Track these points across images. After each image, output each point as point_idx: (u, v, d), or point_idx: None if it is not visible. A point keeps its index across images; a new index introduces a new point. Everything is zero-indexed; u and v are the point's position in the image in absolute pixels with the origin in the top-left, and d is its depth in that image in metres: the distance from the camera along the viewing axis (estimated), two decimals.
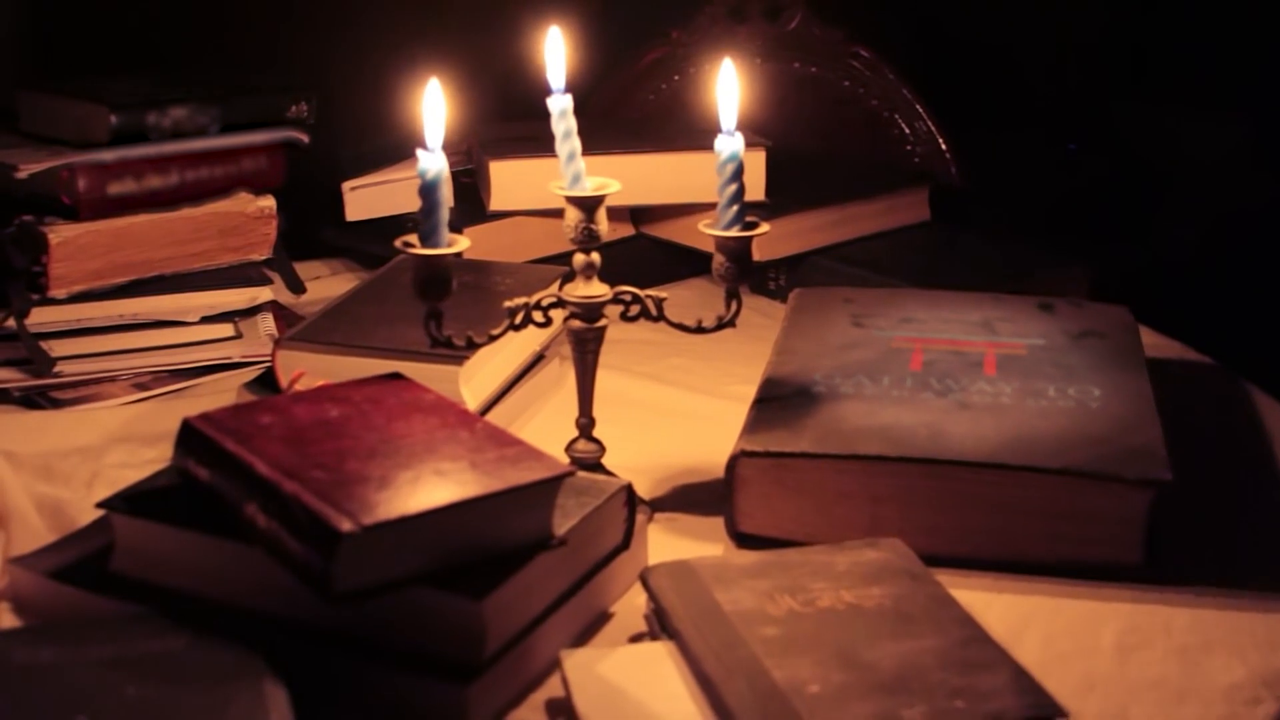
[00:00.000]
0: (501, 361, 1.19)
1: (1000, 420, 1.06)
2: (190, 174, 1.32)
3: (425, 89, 0.99)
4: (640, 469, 1.15)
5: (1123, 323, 1.23)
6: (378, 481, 0.86)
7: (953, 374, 1.13)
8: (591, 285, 1.04)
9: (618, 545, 0.97)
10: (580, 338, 1.04)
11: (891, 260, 1.44)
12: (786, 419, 1.06)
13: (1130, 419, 1.06)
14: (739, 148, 1.03)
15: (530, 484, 0.87)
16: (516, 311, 1.03)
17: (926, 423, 1.05)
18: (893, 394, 1.10)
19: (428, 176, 0.99)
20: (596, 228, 1.02)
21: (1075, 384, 1.11)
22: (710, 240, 1.04)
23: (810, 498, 1.03)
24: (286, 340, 1.16)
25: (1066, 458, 1.00)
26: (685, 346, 1.38)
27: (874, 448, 1.02)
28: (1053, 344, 1.19)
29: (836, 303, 1.27)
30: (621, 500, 0.97)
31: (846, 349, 1.18)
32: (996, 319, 1.23)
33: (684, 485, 1.13)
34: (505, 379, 1.19)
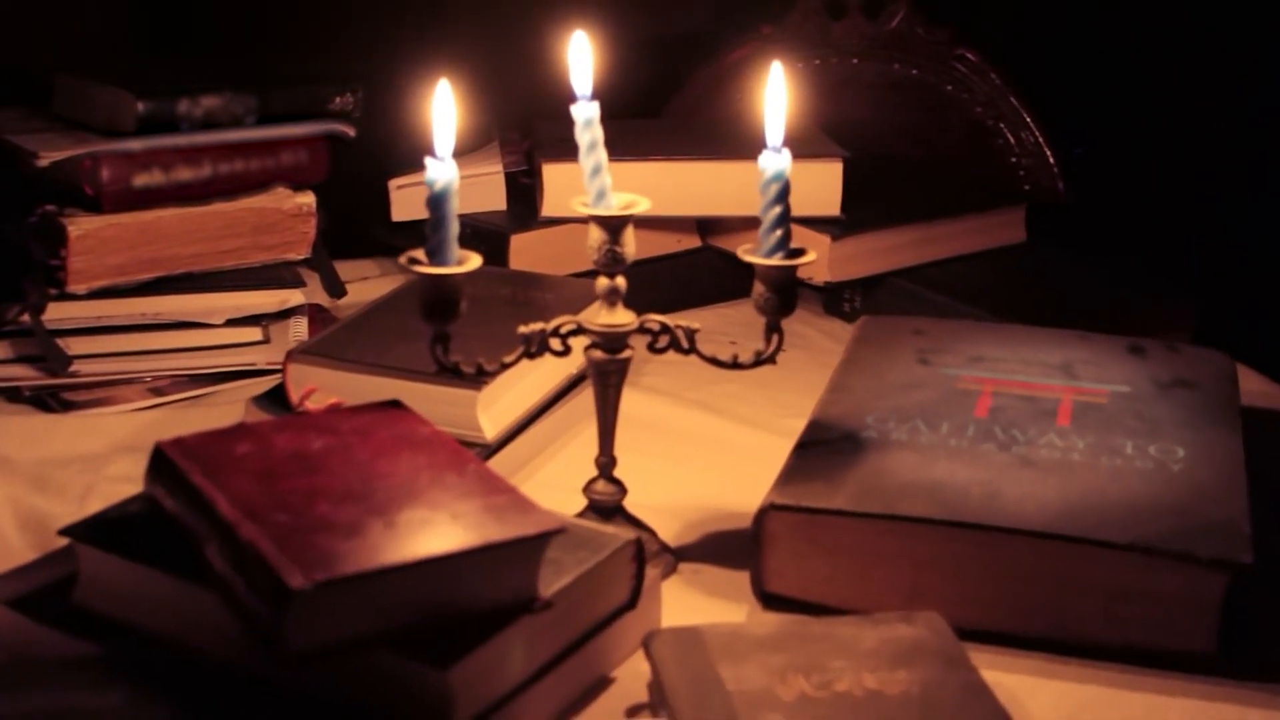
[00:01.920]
0: (529, 386, 1.10)
1: (1067, 481, 0.94)
2: (224, 167, 1.25)
3: (435, 90, 0.90)
4: (670, 510, 1.05)
5: (1220, 371, 1.11)
6: (345, 529, 0.78)
7: (1021, 423, 1.02)
8: (615, 313, 0.94)
9: (623, 604, 0.88)
10: (601, 370, 0.95)
11: (977, 286, 1.33)
12: (826, 469, 0.96)
13: (1214, 486, 0.94)
14: (785, 166, 0.93)
15: (509, 542, 0.78)
16: (531, 339, 0.94)
17: (982, 481, 0.94)
18: (950, 444, 0.99)
19: (435, 187, 0.90)
20: (622, 250, 0.93)
21: (1158, 441, 1.00)
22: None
23: (846, 559, 0.92)
24: (299, 353, 1.08)
25: (1135, 530, 0.89)
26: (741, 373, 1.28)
27: (918, 508, 0.91)
28: (1139, 392, 1.07)
29: (905, 335, 1.16)
30: (629, 555, 0.87)
31: (907, 389, 1.07)
32: (1079, 361, 1.11)
33: (716, 533, 1.03)
34: (533, 405, 1.10)
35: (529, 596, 0.80)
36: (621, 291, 0.94)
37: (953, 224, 1.38)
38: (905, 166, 1.52)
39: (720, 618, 0.93)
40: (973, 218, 1.39)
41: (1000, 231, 1.41)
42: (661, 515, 1.04)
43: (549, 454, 1.11)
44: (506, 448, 1.07)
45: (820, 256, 1.31)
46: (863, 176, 1.44)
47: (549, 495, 1.01)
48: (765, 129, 0.93)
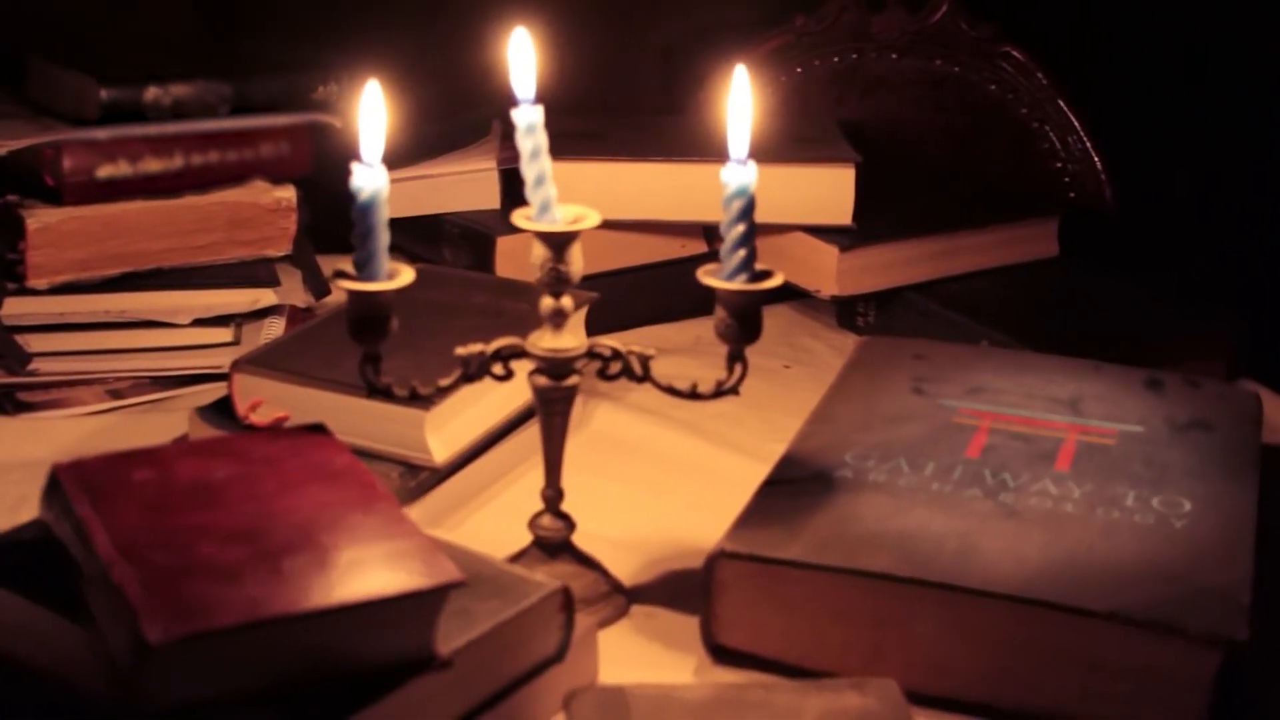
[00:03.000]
0: (489, 406, 1.02)
1: (1053, 536, 0.86)
2: (196, 158, 1.19)
3: (364, 91, 0.83)
4: (632, 544, 0.98)
5: (1243, 412, 1.01)
6: (226, 573, 0.71)
7: (1014, 466, 0.93)
8: (561, 336, 0.87)
9: (549, 657, 0.81)
10: (545, 398, 0.87)
11: (999, 304, 1.23)
12: (788, 512, 0.88)
13: (1217, 548, 0.85)
14: (749, 180, 0.85)
15: (401, 596, 0.70)
16: (470, 361, 0.87)
17: (959, 532, 0.86)
18: (932, 487, 0.90)
19: (362, 196, 0.83)
20: (567, 269, 0.85)
21: (1164, 492, 0.90)
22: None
23: (802, 614, 0.84)
24: (244, 363, 1.02)
25: (1120, 596, 0.80)
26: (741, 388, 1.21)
27: (881, 562, 0.83)
28: (1151, 434, 0.97)
29: (904, 359, 1.07)
30: (556, 604, 0.80)
31: (896, 422, 0.98)
32: (1091, 396, 1.02)
33: (677, 571, 0.95)
34: (491, 427, 1.02)
35: (426, 653, 0.73)
36: (568, 313, 0.86)
37: (978, 236, 1.28)
38: (938, 171, 1.43)
39: (666, 671, 0.85)
40: (1000, 229, 1.29)
41: (1030, 245, 1.31)
42: (621, 550, 0.97)
43: (510, 479, 1.04)
44: (461, 473, 1.00)
45: (828, 268, 1.23)
46: (887, 182, 1.35)
47: (501, 525, 0.95)
48: (728, 138, 0.85)
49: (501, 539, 0.92)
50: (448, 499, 0.99)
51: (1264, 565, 0.88)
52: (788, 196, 1.23)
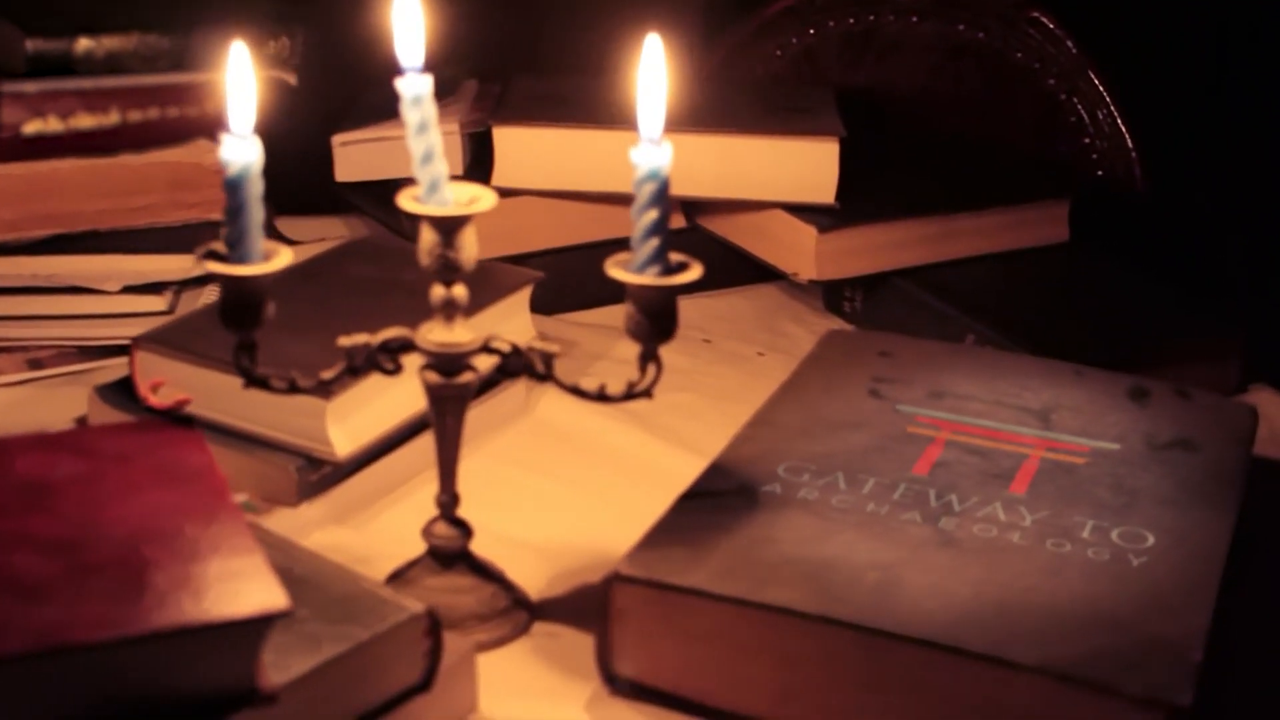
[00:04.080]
0: (403, 396, 0.94)
1: (990, 571, 0.76)
2: (134, 115, 1.11)
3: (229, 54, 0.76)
4: (550, 552, 0.90)
5: (1233, 430, 0.91)
6: (30, 591, 0.64)
7: (964, 486, 0.84)
8: (453, 329, 0.79)
9: (414, 686, 0.73)
10: (437, 395, 0.80)
11: (994, 293, 1.13)
12: (700, 531, 0.79)
13: (1175, 592, 0.76)
14: (662, 162, 0.76)
15: (209, 626, 0.63)
16: (355, 353, 0.79)
17: (886, 563, 0.77)
18: (867, 508, 0.82)
19: (230, 170, 0.75)
20: (457, 255, 0.77)
21: (1127, 522, 0.81)
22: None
23: (706, 648, 0.76)
24: (145, 340, 0.95)
25: (1053, 647, 0.71)
26: (702, 378, 1.12)
27: (789, 595, 0.74)
28: (1126, 453, 0.88)
29: (868, 355, 0.98)
30: (420, 629, 0.72)
31: (843, 429, 0.89)
32: (1066, 406, 0.92)
33: (592, 586, 0.87)
34: (406, 419, 0.94)
35: (247, 686, 0.65)
36: (460, 304, 0.78)
37: (978, 219, 1.18)
38: (950, 145, 1.33)
39: (555, 702, 0.78)
40: (1004, 212, 1.19)
41: (1037, 229, 1.21)
42: (539, 557, 0.89)
43: (429, 476, 0.95)
44: (371, 468, 0.92)
45: (806, 250, 1.14)
46: (887, 157, 1.26)
47: (414, 525, 0.87)
48: (639, 117, 0.76)
49: (411, 540, 0.84)
50: (355, 495, 0.92)
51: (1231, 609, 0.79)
52: (767, 171, 1.14)
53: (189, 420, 0.78)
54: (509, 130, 1.15)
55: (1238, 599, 0.82)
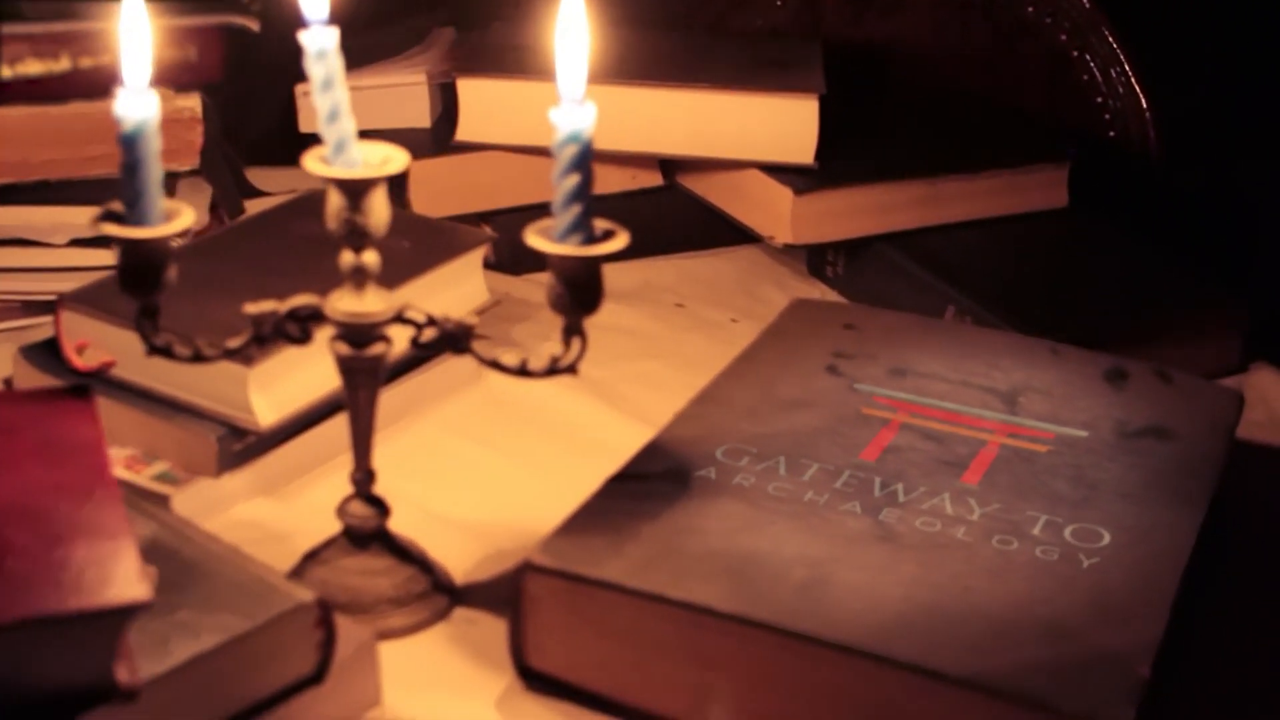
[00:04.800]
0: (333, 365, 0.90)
1: (927, 570, 0.71)
2: (86, 61, 1.07)
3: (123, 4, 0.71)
4: (483, 533, 0.85)
5: (1214, 418, 0.85)
6: None
7: (912, 474, 0.79)
8: (363, 298, 0.74)
9: (305, 678, 0.69)
10: (348, 368, 0.75)
11: (980, 261, 1.08)
12: (622, 518, 0.74)
13: (1127, 597, 0.70)
14: (584, 124, 0.71)
15: (57, 618, 0.59)
16: (262, 321, 0.75)
17: (814, 559, 0.72)
18: (805, 497, 0.76)
19: (126, 126, 0.71)
20: (364, 220, 0.72)
21: (1084, 519, 0.75)
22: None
23: (622, 644, 0.71)
24: (70, 299, 0.91)
25: (985, 658, 0.66)
26: (670, 346, 1.07)
27: (708, 592, 0.69)
28: (1093, 441, 0.82)
29: (832, 328, 0.93)
30: (311, 620, 0.68)
31: (793, 408, 0.84)
32: (1035, 388, 0.87)
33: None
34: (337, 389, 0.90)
35: (106, 682, 0.61)
36: (370, 271, 0.73)
37: (968, 182, 1.12)
38: (951, 103, 1.26)
39: (465, 696, 0.73)
40: (997, 176, 1.13)
41: (1033, 194, 1.14)
42: (468, 538, 0.85)
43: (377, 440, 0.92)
44: (301, 438, 0.88)
45: (781, 213, 1.08)
46: (879, 116, 1.20)
47: (338, 503, 0.83)
48: (557, 75, 0.71)
49: None
50: (283, 466, 0.87)
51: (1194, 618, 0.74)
52: (743, 129, 1.08)
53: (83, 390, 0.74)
54: (473, 82, 1.10)
55: (1204, 606, 0.77)
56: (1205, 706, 0.73)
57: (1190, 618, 0.76)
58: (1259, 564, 0.84)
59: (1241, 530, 0.87)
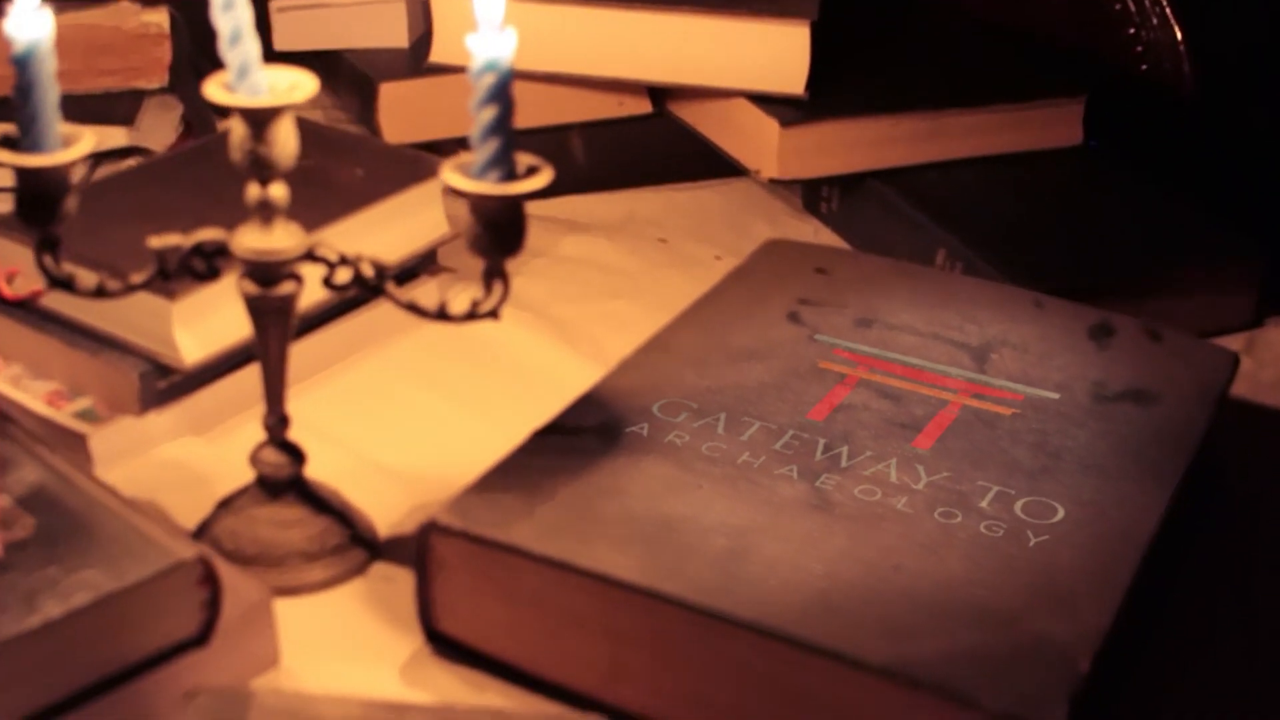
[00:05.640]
0: None
1: (855, 543, 0.66)
2: None
3: None
4: (415, 483, 0.81)
5: (1204, 381, 0.78)
6: None
7: (860, 437, 0.73)
8: (271, 234, 0.69)
9: (189, 639, 0.65)
10: (256, 308, 0.71)
11: (979, 201, 1.01)
12: (540, 476, 0.69)
13: (1076, 581, 0.64)
14: (503, 52, 0.65)
15: None
16: (166, 256, 0.70)
17: (741, 527, 0.67)
18: (739, 459, 0.71)
19: (17, 47, 0.66)
20: (269, 151, 0.67)
21: (1039, 492, 0.70)
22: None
23: (532, 612, 0.67)
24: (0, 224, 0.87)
25: (907, 644, 0.61)
26: (646, 284, 1.02)
27: (615, 562, 0.64)
28: (1065, 404, 0.76)
29: (801, 273, 0.87)
30: (193, 578, 0.64)
31: (745, 359, 0.79)
32: (1010, 344, 0.81)
33: None
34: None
35: None
36: (276, 206, 0.69)
37: (974, 116, 1.05)
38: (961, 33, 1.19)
39: (369, 660, 0.69)
40: (1004, 110, 1.06)
41: (1044, 131, 1.07)
42: (400, 488, 0.80)
43: (308, 385, 0.87)
44: (233, 376, 0.84)
45: (768, 145, 1.02)
46: (885, 46, 1.13)
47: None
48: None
49: None
50: (215, 405, 0.83)
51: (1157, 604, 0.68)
52: (731, 56, 1.02)
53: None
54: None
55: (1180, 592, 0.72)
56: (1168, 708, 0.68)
57: (1157, 605, 0.71)
58: (1254, 542, 0.78)
59: (1236, 505, 0.81)
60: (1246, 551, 0.78)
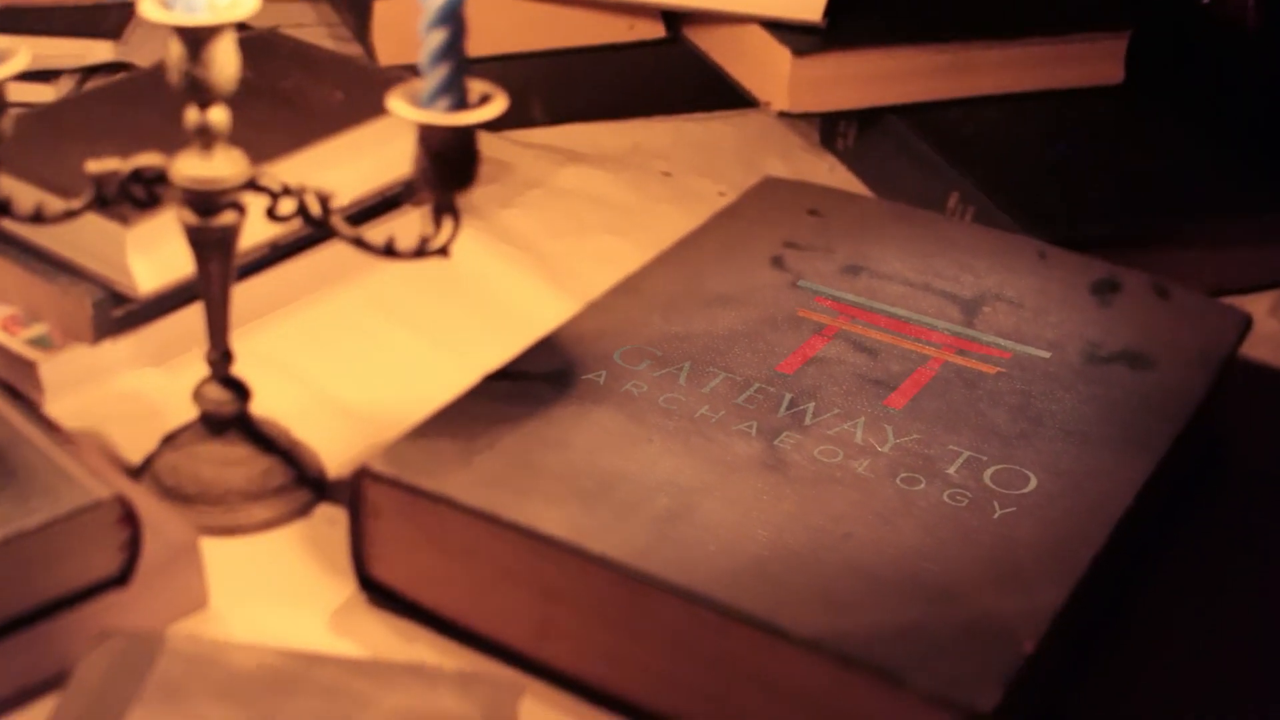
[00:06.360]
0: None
1: (806, 508, 0.62)
2: None
3: None
4: (374, 422, 0.77)
5: (1209, 348, 0.73)
6: None
7: (830, 393, 0.69)
8: (211, 161, 0.66)
9: (109, 579, 0.63)
10: (196, 239, 0.67)
11: (1003, 144, 0.96)
12: (482, 424, 0.66)
13: (1037, 556, 0.60)
14: None
15: None
16: (104, 181, 0.67)
17: (685, 486, 0.63)
18: (697, 412, 0.67)
19: None
20: (206, 74, 0.64)
21: (1012, 459, 0.65)
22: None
23: (464, 565, 0.63)
24: None
25: (843, 618, 0.57)
26: (644, 219, 0.97)
27: (549, 517, 0.61)
28: (1056, 365, 0.71)
29: (793, 214, 0.82)
30: (112, 518, 0.62)
31: (720, 305, 0.75)
32: (1004, 298, 0.76)
33: None
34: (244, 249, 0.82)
35: None
36: (216, 132, 0.65)
37: (1002, 50, 1.00)
38: None
39: (302, 606, 0.66)
40: (1037, 43, 1.00)
41: (1081, 67, 1.01)
42: (359, 425, 0.77)
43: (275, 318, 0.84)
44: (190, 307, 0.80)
45: (779, 75, 0.97)
46: None
47: (244, 373, 0.76)
48: None
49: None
50: (175, 335, 0.80)
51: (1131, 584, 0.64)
52: None
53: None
54: None
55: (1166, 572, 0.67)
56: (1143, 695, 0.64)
57: (1133, 586, 0.67)
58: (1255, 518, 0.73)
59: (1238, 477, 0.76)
60: (1245, 528, 0.73)
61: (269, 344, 0.83)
